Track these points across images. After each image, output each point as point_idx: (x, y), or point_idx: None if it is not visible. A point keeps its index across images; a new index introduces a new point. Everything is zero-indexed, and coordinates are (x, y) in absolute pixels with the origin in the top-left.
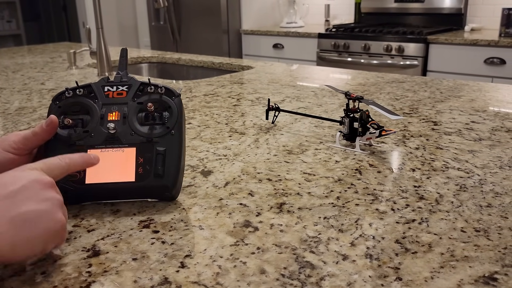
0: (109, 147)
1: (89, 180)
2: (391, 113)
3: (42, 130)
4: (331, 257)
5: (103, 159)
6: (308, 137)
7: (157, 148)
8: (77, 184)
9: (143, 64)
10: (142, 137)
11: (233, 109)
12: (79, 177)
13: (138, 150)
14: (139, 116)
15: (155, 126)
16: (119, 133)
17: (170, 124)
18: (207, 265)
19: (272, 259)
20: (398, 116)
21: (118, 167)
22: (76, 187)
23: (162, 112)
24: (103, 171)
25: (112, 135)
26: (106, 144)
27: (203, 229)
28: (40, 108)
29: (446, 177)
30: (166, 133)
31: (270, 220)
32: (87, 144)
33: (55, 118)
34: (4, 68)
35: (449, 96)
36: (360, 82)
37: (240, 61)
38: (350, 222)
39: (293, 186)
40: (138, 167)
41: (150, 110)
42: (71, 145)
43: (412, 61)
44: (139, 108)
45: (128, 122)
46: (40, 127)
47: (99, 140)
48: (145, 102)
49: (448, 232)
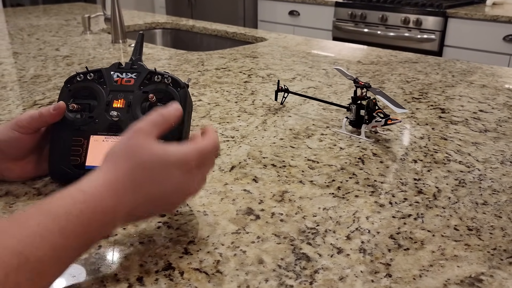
0: (111, 135)
1: (88, 164)
2: (397, 105)
3: (49, 114)
4: (327, 250)
5: (104, 146)
6: (315, 121)
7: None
8: (77, 168)
9: (157, 30)
10: None
11: (244, 86)
12: (79, 162)
13: None
14: (143, 106)
15: None
16: (122, 121)
17: None
18: (209, 252)
19: (270, 249)
20: (404, 110)
21: None
22: (76, 171)
23: (166, 103)
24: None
25: (115, 123)
26: (108, 131)
27: (207, 214)
28: (55, 77)
29: (447, 170)
30: None
31: (271, 209)
32: (91, 130)
33: (63, 105)
34: (19, 31)
35: (460, 81)
36: (372, 60)
37: (254, 31)
38: (348, 214)
39: (296, 173)
40: None
41: (152, 101)
42: (76, 129)
43: (430, 34)
44: (144, 97)
45: (132, 111)
46: (48, 111)
47: (102, 127)
48: (150, 92)
49: (441, 229)
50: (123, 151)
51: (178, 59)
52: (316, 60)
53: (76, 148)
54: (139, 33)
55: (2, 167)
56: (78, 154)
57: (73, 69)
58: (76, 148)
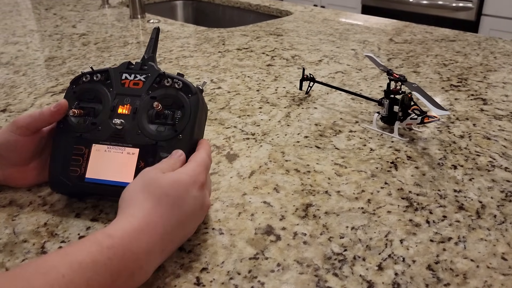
0: (113, 144)
1: (89, 176)
2: (436, 105)
3: (49, 113)
4: (355, 284)
5: (105, 157)
6: (343, 114)
7: (160, 154)
8: (77, 180)
9: (178, 2)
10: (147, 138)
11: (266, 71)
12: (79, 173)
13: (141, 152)
14: (149, 113)
15: (164, 127)
16: (126, 130)
17: (179, 127)
18: (224, 283)
19: (292, 281)
20: (445, 112)
21: (119, 167)
22: (75, 183)
23: (175, 111)
24: (104, 169)
25: (118, 132)
26: (111, 140)
27: (222, 233)
28: (70, 59)
29: (491, 179)
30: (173, 136)
31: (293, 227)
32: (93, 138)
33: (64, 103)
34: (37, 4)
35: (503, 64)
36: (406, 38)
37: (279, 3)
38: (379, 236)
39: (322, 181)
40: (137, 172)
41: (158, 109)
42: (77, 136)
43: (466, 2)
44: (151, 103)
45: (137, 119)
46: (48, 109)
47: (105, 135)
48: (158, 98)
49: (487, 258)
50: (140, 190)
51: (198, 37)
52: (345, 38)
53: (76, 158)
54: (154, 27)
55: (4, 174)
56: (78, 164)
57: (89, 49)
58: (76, 157)
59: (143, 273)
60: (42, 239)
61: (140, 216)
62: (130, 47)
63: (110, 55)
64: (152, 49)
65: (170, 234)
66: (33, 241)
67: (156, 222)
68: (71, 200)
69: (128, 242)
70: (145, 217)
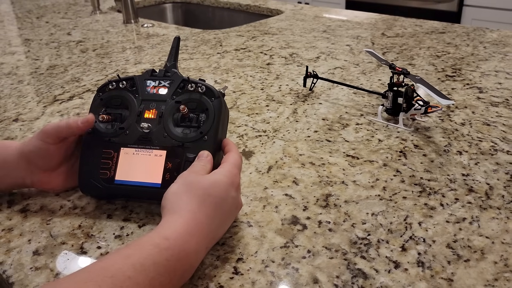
0: (141, 147)
1: (118, 178)
2: (441, 96)
3: (77, 126)
4: (383, 264)
5: (133, 159)
6: (347, 108)
7: (187, 155)
8: (107, 182)
9: (167, 5)
10: (174, 140)
11: (267, 70)
12: (109, 175)
13: (168, 154)
14: (175, 117)
15: (189, 129)
16: (153, 133)
17: (204, 129)
18: (260, 271)
19: (323, 265)
20: (450, 101)
21: (147, 169)
22: (105, 185)
23: (199, 114)
24: (133, 171)
25: (146, 135)
26: (138, 143)
27: (251, 226)
28: (71, 66)
29: (495, 162)
30: (199, 138)
31: (317, 216)
32: (121, 142)
33: (91, 118)
34: (27, 13)
35: (493, 53)
36: (397, 32)
37: (268, 2)
38: (399, 220)
39: (337, 172)
40: (165, 173)
41: (184, 112)
42: (106, 141)
43: None
44: (177, 107)
45: (163, 122)
46: (76, 123)
47: (132, 139)
48: (182, 102)
49: (500, 235)
50: (183, 192)
51: (195, 39)
52: (338, 35)
53: (106, 161)
54: (175, 37)
55: (34, 179)
56: (107, 167)
57: (88, 56)
58: (105, 161)
59: (192, 270)
60: (79, 240)
61: (189, 217)
62: (129, 52)
63: (110, 61)
64: (174, 57)
65: (213, 233)
66: (71, 243)
67: (202, 222)
68: (100, 203)
69: (181, 243)
70: (193, 218)
